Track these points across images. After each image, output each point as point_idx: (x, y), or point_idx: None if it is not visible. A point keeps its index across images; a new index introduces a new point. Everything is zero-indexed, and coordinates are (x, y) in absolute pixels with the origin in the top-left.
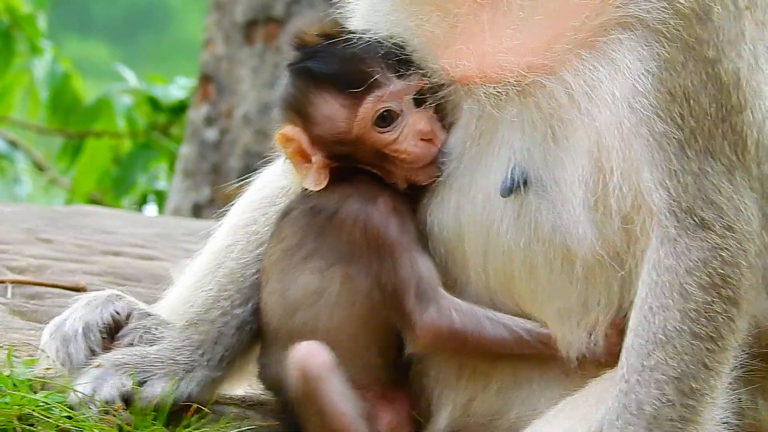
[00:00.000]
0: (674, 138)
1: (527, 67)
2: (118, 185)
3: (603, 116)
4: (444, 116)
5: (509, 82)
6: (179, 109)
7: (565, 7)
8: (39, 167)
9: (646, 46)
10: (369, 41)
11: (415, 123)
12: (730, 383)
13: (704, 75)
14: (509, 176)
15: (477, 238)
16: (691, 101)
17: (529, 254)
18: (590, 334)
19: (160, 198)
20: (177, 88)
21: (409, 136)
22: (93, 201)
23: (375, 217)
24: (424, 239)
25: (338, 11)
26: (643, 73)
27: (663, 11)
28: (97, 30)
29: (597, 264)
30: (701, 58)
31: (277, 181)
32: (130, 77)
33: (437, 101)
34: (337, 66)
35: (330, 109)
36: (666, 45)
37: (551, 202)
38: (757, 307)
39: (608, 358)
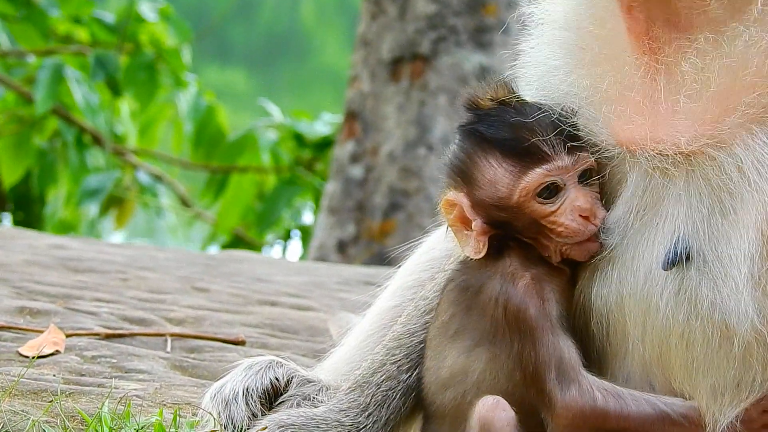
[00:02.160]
0: None
1: (698, 137)
2: (262, 220)
3: None
4: (608, 188)
5: (678, 150)
6: (324, 144)
7: (738, 81)
8: (183, 202)
9: None
10: (541, 110)
11: (575, 199)
12: None
13: None
14: (672, 250)
15: (637, 310)
16: None
17: (687, 329)
18: (737, 413)
19: (305, 233)
20: (322, 124)
21: (567, 210)
22: (237, 236)
23: (514, 299)
24: (573, 317)
25: (510, 67)
26: None
27: None
28: (236, 58)
29: (755, 342)
30: None
31: (444, 244)
32: (275, 112)
33: (603, 175)
34: (508, 132)
35: (495, 173)
36: None
37: (712, 279)
38: None
39: None
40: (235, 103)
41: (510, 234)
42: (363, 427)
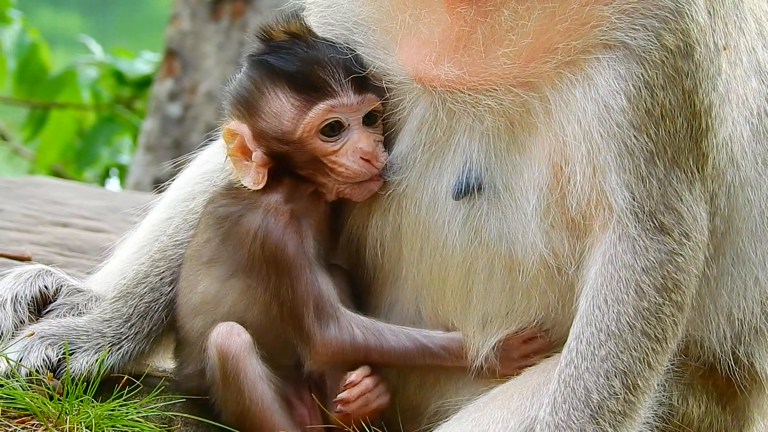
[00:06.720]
0: (645, 148)
1: (508, 77)
2: (80, 157)
3: (571, 128)
4: (396, 123)
5: (483, 87)
6: (144, 83)
7: (554, 27)
8: (2, 137)
9: (626, 67)
10: (334, 48)
11: (358, 140)
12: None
13: (681, 100)
14: (464, 180)
15: (415, 237)
16: (667, 120)
17: (469, 257)
18: (497, 341)
19: (123, 172)
20: (142, 62)
21: (349, 151)
22: (55, 173)
23: (274, 235)
24: (344, 249)
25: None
26: (618, 92)
27: (649, 42)
28: (70, 2)
29: (538, 273)
30: (680, 86)
31: (218, 157)
32: (97, 50)
33: (392, 101)
34: (298, 66)
35: (280, 106)
36: (648, 70)
37: (501, 210)
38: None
39: (502, 368)
40: (69, 46)
41: (289, 167)
42: (125, 338)
